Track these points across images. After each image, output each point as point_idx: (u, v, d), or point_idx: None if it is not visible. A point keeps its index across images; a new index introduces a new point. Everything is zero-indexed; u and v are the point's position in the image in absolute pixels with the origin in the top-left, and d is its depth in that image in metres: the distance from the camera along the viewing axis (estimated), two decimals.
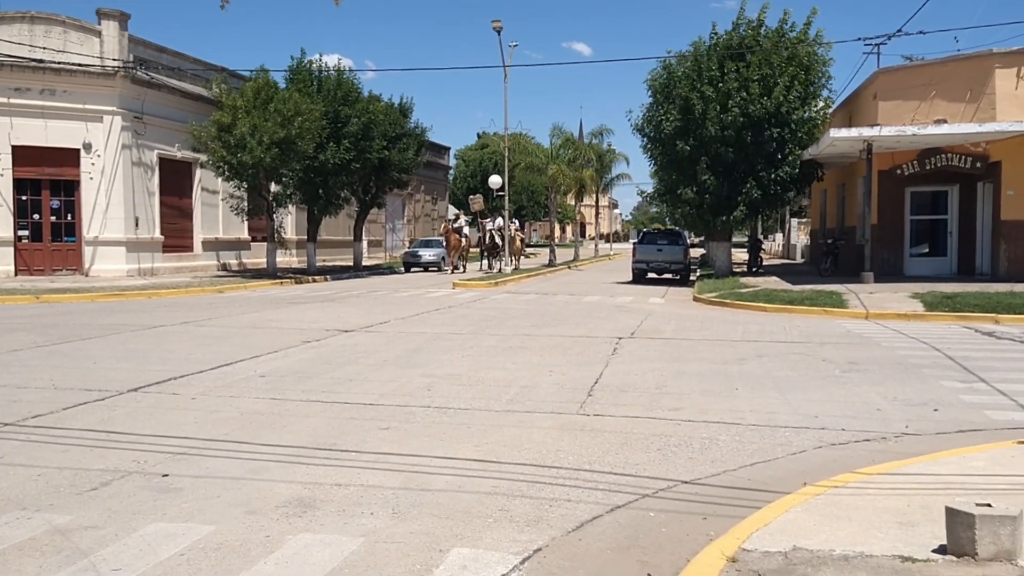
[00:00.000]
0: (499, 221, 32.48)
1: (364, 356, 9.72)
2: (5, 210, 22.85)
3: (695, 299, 18.87)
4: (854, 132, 18.95)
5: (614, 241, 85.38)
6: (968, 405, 7.04)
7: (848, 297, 16.13)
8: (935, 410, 6.85)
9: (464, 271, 31.35)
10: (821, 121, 22.65)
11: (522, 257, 34.06)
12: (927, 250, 22.08)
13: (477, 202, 34.92)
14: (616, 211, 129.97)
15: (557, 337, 11.62)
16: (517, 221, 35.67)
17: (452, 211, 45.85)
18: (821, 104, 22.70)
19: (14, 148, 22.85)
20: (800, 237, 38.65)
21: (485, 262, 32.38)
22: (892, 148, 19.70)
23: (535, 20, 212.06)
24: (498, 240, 31.51)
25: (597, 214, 59.42)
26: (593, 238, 62.73)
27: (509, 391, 7.62)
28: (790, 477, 5.04)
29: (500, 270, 30.37)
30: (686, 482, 4.97)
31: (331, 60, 29.94)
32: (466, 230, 32.76)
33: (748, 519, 4.12)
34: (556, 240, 42.61)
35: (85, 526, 4.11)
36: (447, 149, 55.88)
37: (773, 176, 22.22)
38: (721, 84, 21.55)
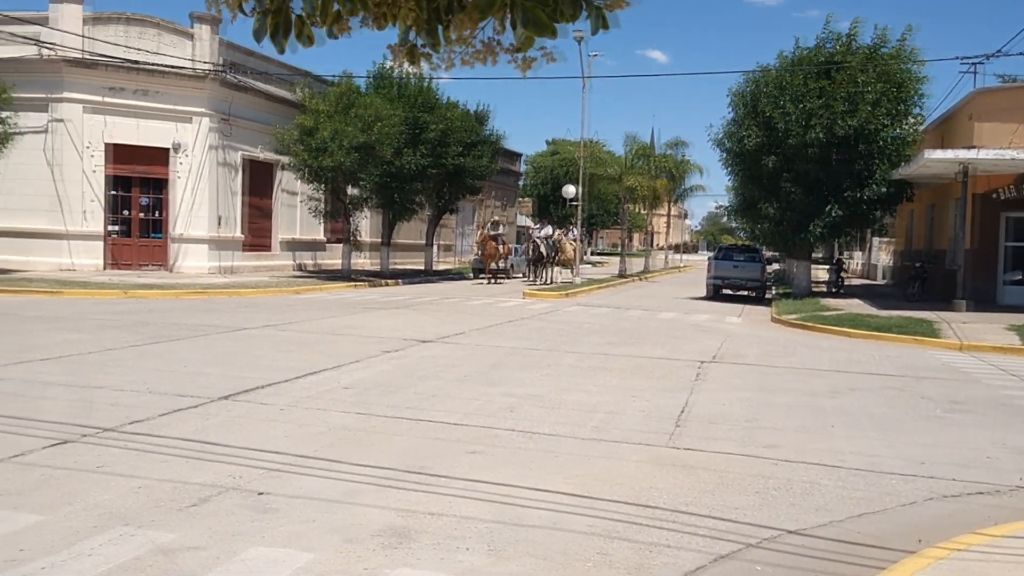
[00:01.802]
0: (548, 229, 30.41)
1: (444, 370, 9.70)
2: (97, 205, 23.69)
3: (774, 320, 18.40)
4: (950, 154, 18.23)
5: (684, 252, 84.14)
6: None
7: (940, 326, 15.49)
8: None
9: (501, 282, 29.51)
10: (912, 140, 21.85)
11: (574, 268, 30.42)
12: (1021, 277, 21.12)
13: (525, 207, 33.36)
14: (687, 221, 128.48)
15: (636, 358, 11.42)
16: (574, 229, 32.46)
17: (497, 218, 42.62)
18: (912, 122, 21.89)
19: (108, 146, 23.68)
20: (882, 257, 37.44)
21: (533, 273, 29.86)
22: (989, 171, 18.92)
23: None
24: (544, 250, 28.79)
25: (669, 224, 58.73)
26: (663, 248, 62.05)
27: (594, 417, 7.48)
28: (904, 532, 4.79)
29: (547, 281, 28.83)
30: (791, 532, 4.75)
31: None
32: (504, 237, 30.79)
33: None
34: (621, 250, 42.23)
35: (188, 547, 4.13)
36: (519, 156, 55.95)
37: (859, 195, 21.54)
38: (804, 103, 20.94)
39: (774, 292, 28.07)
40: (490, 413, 7.45)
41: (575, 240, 30.85)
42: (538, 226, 30.85)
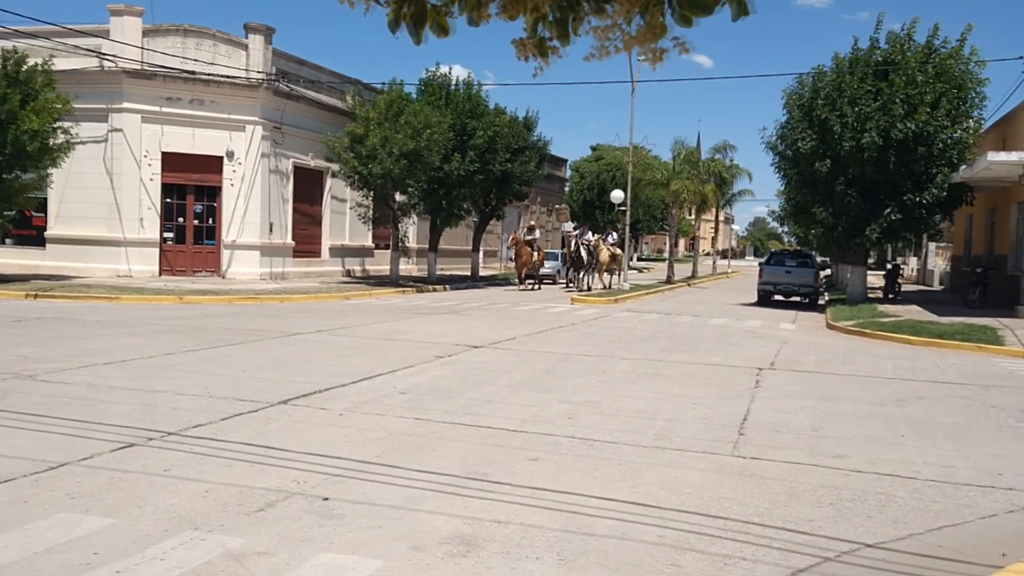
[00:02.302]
0: (589, 235, 29.64)
1: (498, 376, 9.65)
2: (153, 213, 24.19)
3: (829, 326, 18.03)
4: (1014, 156, 17.67)
5: (731, 258, 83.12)
6: None
7: (1004, 333, 15.01)
8: None
9: (537, 288, 28.80)
10: (972, 142, 21.23)
11: (615, 274, 29.90)
12: None
13: (563, 213, 32.63)
14: (732, 227, 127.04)
15: (692, 364, 11.24)
16: (613, 234, 31.80)
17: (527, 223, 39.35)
18: (972, 124, 21.27)
19: (164, 154, 24.18)
20: (938, 262, 36.51)
21: (576, 278, 28.91)
22: None
23: None
24: (584, 255, 28.00)
25: (717, 230, 58.09)
26: (709, 253, 61.35)
27: (654, 424, 7.36)
28: (985, 546, 4.60)
29: (586, 287, 27.99)
30: (869, 545, 4.58)
31: (458, 72, 30.22)
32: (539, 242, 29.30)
33: None
34: (668, 256, 41.82)
35: (257, 552, 4.12)
36: (564, 161, 55.86)
37: (917, 199, 20.99)
38: (860, 105, 20.46)
39: (826, 298, 27.54)
40: (548, 420, 7.37)
41: (614, 245, 30.17)
42: (578, 231, 29.90)
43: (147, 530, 4.33)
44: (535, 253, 28.17)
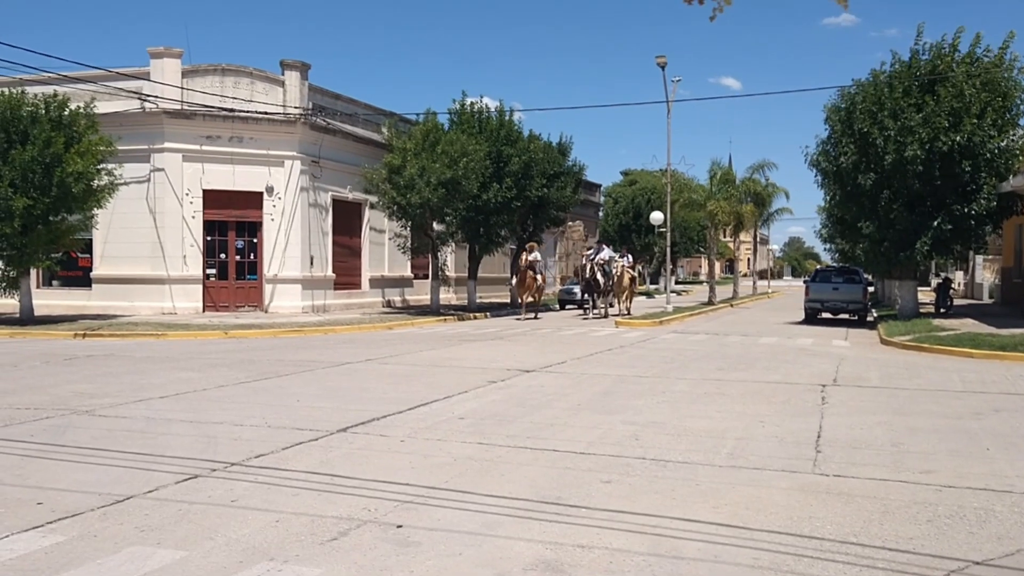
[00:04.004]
0: (606, 253, 26.65)
1: (555, 399, 9.44)
2: (196, 250, 24.45)
3: (884, 342, 17.56)
4: None
5: (770, 278, 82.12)
6: None
7: None
8: None
9: (537, 317, 26.08)
10: (1020, 151, 20.70)
11: (632, 298, 27.41)
12: None
13: (575, 230, 28.78)
14: (769, 247, 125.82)
15: (751, 383, 10.93)
16: (629, 256, 29.73)
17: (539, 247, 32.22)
18: (1021, 132, 20.74)
19: (205, 192, 24.48)
20: (986, 275, 35.61)
21: (593, 302, 26.73)
22: None
23: (682, 55, 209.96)
24: (600, 278, 25.50)
25: (755, 250, 57.45)
26: (748, 274, 60.63)
27: (724, 444, 7.09)
28: None
29: (605, 313, 26.10)
30: (978, 563, 4.29)
31: (488, 103, 30.06)
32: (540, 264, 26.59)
33: None
34: (708, 277, 41.37)
35: None
36: (597, 186, 55.83)
37: (966, 210, 20.48)
38: (902, 119, 20.06)
39: (874, 315, 26.93)
40: (614, 441, 7.14)
41: (630, 266, 27.91)
42: (593, 249, 27.36)
43: (221, 562, 4.19)
44: (538, 277, 25.62)
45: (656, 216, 31.03)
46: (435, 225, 26.39)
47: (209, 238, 24.83)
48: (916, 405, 9.13)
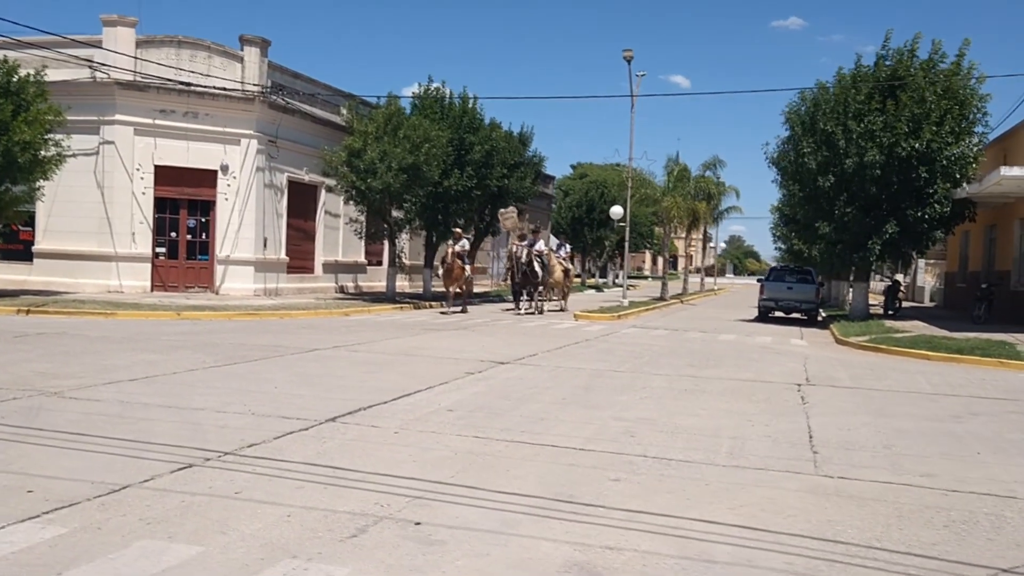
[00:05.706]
0: (540, 244, 24.67)
1: (539, 393, 9.32)
2: (145, 227, 23.63)
3: (839, 342, 17.92)
4: None
5: (715, 275, 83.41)
6: None
7: (1022, 348, 14.93)
8: None
9: (465, 311, 23.47)
10: (975, 158, 21.30)
11: (568, 293, 26.52)
12: None
13: (509, 217, 26.10)
14: (711, 245, 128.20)
15: (727, 380, 10.98)
16: (568, 246, 28.66)
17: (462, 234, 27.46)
18: (976, 140, 21.32)
19: (157, 168, 23.66)
20: (927, 279, 36.73)
21: (526, 298, 24.42)
22: None
23: (635, 50, 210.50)
24: (538, 269, 23.49)
25: (704, 247, 58.25)
26: (698, 271, 61.45)
27: (720, 443, 7.07)
28: None
29: (540, 309, 24.24)
30: (1005, 571, 4.32)
31: (449, 88, 29.63)
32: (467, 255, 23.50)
33: None
34: (662, 273, 41.79)
35: None
36: (551, 179, 55.83)
37: (919, 214, 21.00)
38: (865, 122, 20.43)
39: (822, 315, 27.50)
40: (611, 438, 7.06)
41: (566, 259, 26.55)
42: (526, 240, 24.38)
43: (243, 559, 3.95)
44: (466, 268, 22.94)
45: (616, 211, 31.15)
46: (394, 211, 25.99)
47: (159, 215, 24.03)
48: (895, 407, 9.27)
